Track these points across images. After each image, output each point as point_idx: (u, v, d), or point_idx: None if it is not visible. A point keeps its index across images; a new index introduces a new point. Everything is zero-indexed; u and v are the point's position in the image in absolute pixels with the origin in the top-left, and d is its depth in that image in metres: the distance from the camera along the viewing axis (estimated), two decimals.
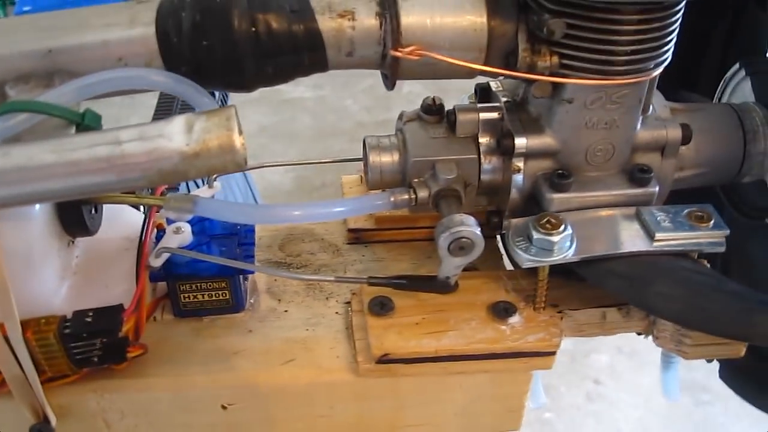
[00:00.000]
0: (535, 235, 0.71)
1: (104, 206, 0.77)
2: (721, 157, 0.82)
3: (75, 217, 0.74)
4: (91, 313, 0.70)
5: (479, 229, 0.71)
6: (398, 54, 0.68)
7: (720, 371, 0.96)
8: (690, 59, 0.99)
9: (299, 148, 3.31)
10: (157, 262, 0.74)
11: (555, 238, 0.71)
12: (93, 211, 0.75)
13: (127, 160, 0.59)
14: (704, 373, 2.04)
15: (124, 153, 0.59)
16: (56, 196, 0.62)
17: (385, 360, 0.73)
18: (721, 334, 0.71)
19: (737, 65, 0.89)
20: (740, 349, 0.77)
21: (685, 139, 0.77)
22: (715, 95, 0.93)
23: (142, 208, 0.85)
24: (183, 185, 1.21)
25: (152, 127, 0.60)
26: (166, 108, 1.52)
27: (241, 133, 0.60)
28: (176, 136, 0.59)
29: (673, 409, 2.23)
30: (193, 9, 0.65)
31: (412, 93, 3.80)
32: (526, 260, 0.71)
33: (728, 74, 0.90)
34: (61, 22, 0.67)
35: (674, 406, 2.24)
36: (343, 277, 0.79)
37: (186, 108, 1.61)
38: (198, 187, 1.48)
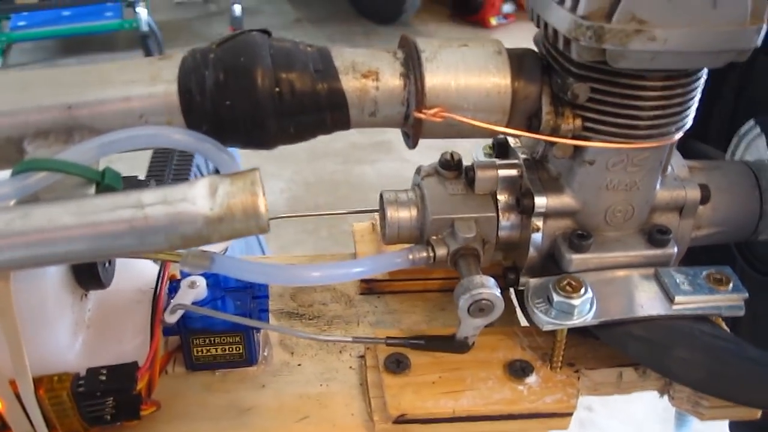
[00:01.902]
0: (556, 298, 0.71)
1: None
2: (738, 217, 0.82)
3: (89, 270, 0.72)
4: (104, 371, 0.69)
5: (499, 290, 0.71)
6: (422, 116, 0.67)
7: (730, 424, 0.96)
8: (701, 110, 0.99)
9: (293, 169, 3.31)
10: (172, 318, 0.73)
11: (575, 302, 0.70)
12: (107, 264, 0.74)
13: (150, 223, 0.58)
14: None
15: (147, 216, 0.58)
16: (76, 258, 0.61)
17: (401, 420, 0.72)
18: (743, 403, 0.70)
19: (752, 122, 0.89)
20: (756, 412, 0.76)
21: (704, 200, 0.77)
22: (729, 150, 0.93)
23: None
24: None
25: (176, 190, 0.59)
26: (163, 155, 1.52)
27: (264, 195, 0.59)
28: (200, 199, 0.58)
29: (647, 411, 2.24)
30: (217, 67, 0.65)
31: None
32: (546, 323, 0.71)
33: (743, 130, 0.90)
34: (82, 77, 0.66)
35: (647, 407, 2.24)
36: (360, 337, 0.78)
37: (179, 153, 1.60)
38: None
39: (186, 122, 0.66)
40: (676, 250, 0.76)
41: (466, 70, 0.68)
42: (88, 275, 0.73)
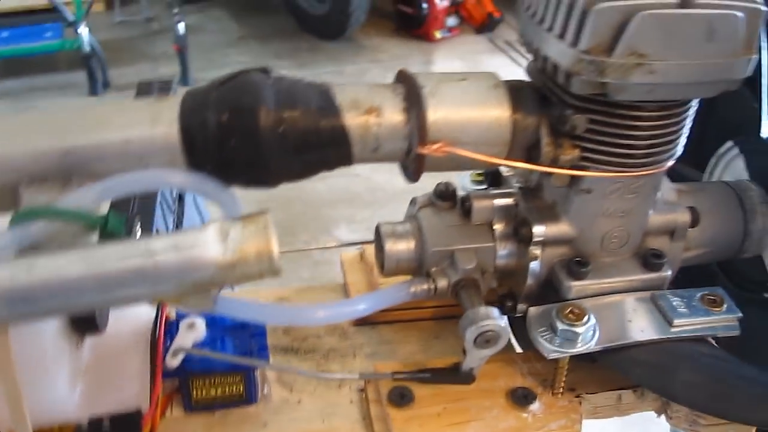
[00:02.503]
0: (560, 326, 0.72)
1: None
2: (724, 237, 0.84)
3: (85, 315, 0.70)
4: (107, 421, 0.67)
5: (504, 320, 0.71)
6: (425, 151, 0.68)
7: None
8: None
9: None
10: (174, 362, 0.71)
11: (579, 329, 0.71)
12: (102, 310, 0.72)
13: (161, 272, 0.57)
14: None
15: (158, 265, 0.57)
16: (83, 309, 0.60)
17: None
18: (743, 422, 0.72)
19: (730, 143, 0.91)
20: (751, 430, 0.78)
21: (694, 222, 0.79)
22: (707, 171, 0.96)
23: None
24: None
25: (186, 237, 0.58)
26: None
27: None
28: (212, 245, 0.57)
29: None
30: (219, 108, 0.64)
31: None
32: (551, 351, 0.72)
33: (721, 150, 0.93)
34: (79, 120, 0.65)
35: None
36: (367, 374, 0.78)
37: None
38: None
39: (187, 163, 0.65)
40: (670, 273, 0.77)
41: (467, 104, 0.68)
42: (84, 320, 0.71)
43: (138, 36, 4.86)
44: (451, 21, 4.87)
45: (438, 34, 4.83)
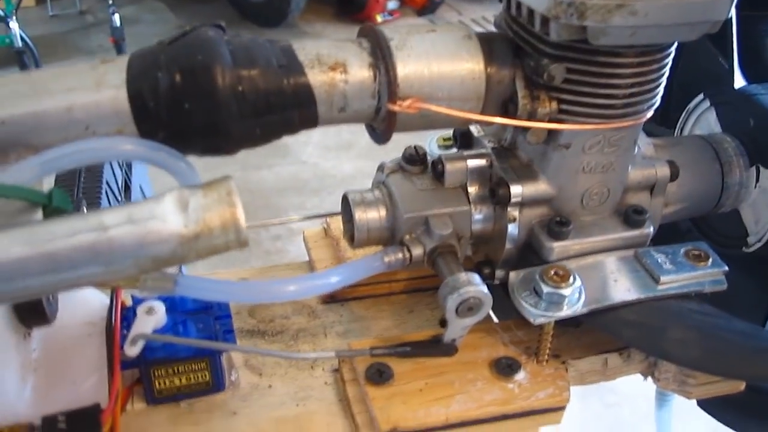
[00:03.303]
0: (545, 289, 0.68)
1: None
2: (702, 191, 0.82)
3: (32, 305, 0.64)
4: (63, 418, 0.61)
5: (486, 287, 0.67)
6: (396, 108, 0.63)
7: (699, 400, 0.96)
8: None
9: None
10: (133, 351, 0.66)
11: (565, 291, 0.68)
12: (51, 297, 0.66)
13: (116, 248, 0.51)
14: None
15: (112, 240, 0.51)
16: (31, 294, 0.54)
17: None
18: (737, 377, 0.70)
19: (701, 96, 0.89)
20: (741, 385, 0.76)
21: (673, 176, 0.76)
22: (678, 126, 0.93)
23: None
24: None
25: (141, 208, 0.52)
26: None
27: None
28: (171, 216, 0.52)
29: (584, 413, 2.28)
30: (171, 68, 0.58)
31: None
32: (537, 316, 0.68)
33: (691, 105, 0.91)
34: (14, 87, 0.58)
35: (585, 410, 2.29)
36: (343, 351, 0.73)
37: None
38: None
39: (139, 131, 0.59)
40: (652, 229, 0.74)
41: (438, 57, 0.64)
42: (31, 310, 0.65)
43: (72, 30, 4.70)
44: (392, 4, 4.83)
45: (379, 18, 4.78)
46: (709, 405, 0.95)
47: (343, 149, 3.52)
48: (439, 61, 0.64)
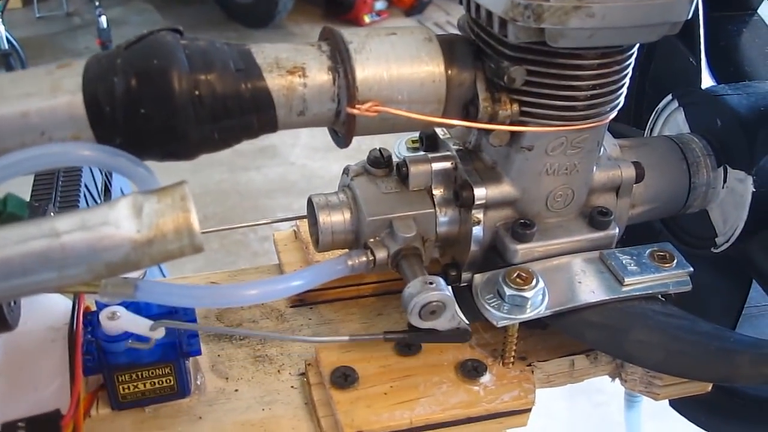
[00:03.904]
0: (508, 292, 0.68)
1: None
2: (669, 192, 0.82)
3: None
4: (23, 424, 0.61)
5: (449, 289, 0.67)
6: (355, 111, 0.63)
7: (671, 400, 0.96)
8: None
9: (176, 181, 3.18)
10: (158, 334, 0.65)
11: (528, 294, 0.68)
12: (12, 303, 0.66)
13: (69, 254, 0.51)
14: None
15: (65, 246, 0.51)
16: None
17: None
18: (701, 379, 0.70)
19: (670, 96, 0.89)
20: (708, 386, 0.76)
21: (639, 177, 0.76)
22: (647, 127, 0.93)
23: None
24: None
25: (94, 214, 0.52)
26: (47, 179, 1.40)
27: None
28: (124, 221, 0.52)
29: (572, 413, 2.28)
30: (126, 73, 0.58)
31: None
32: (500, 318, 0.68)
33: (660, 105, 0.91)
34: None
35: (574, 409, 2.30)
36: (357, 336, 0.72)
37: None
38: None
39: (95, 136, 0.59)
40: (617, 231, 0.74)
41: (398, 60, 0.64)
42: None
43: (59, 32, 4.69)
44: (380, 5, 4.85)
45: (367, 19, 4.79)
46: (680, 406, 0.96)
47: (331, 150, 3.52)
48: (398, 64, 0.64)
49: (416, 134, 0.86)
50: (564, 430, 2.23)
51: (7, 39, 3.70)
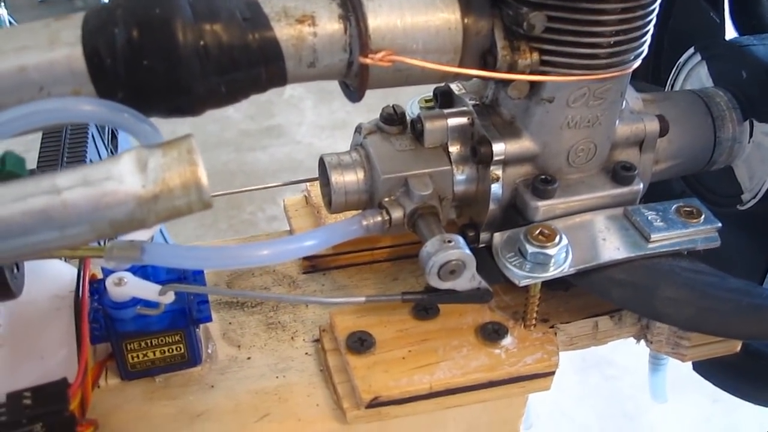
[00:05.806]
0: (530, 249, 0.65)
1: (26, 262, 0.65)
2: (694, 147, 0.79)
3: None
4: (29, 394, 0.59)
5: (468, 247, 0.64)
6: (368, 61, 0.60)
7: (695, 365, 0.94)
8: None
9: None
10: (168, 298, 0.63)
11: (551, 251, 0.65)
12: (15, 269, 0.63)
13: (70, 211, 0.48)
14: (609, 348, 2.11)
15: (66, 203, 0.48)
16: None
17: (375, 404, 0.65)
18: (732, 336, 0.67)
19: (692, 50, 0.86)
20: (736, 346, 0.74)
21: (663, 131, 0.73)
22: (669, 82, 0.90)
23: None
24: None
25: (97, 169, 0.50)
26: (55, 140, 1.37)
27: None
28: (128, 177, 0.49)
29: (583, 387, 2.27)
30: (128, 23, 0.55)
31: (294, 97, 3.72)
32: (523, 277, 0.65)
33: (682, 59, 0.87)
34: None
35: (584, 383, 2.28)
36: (373, 297, 0.70)
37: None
38: None
39: (96, 90, 0.56)
40: (641, 186, 0.71)
41: (412, 8, 0.61)
42: None
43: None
44: None
45: None
46: (705, 370, 0.93)
47: (338, 128, 3.49)
48: (412, 12, 0.61)
49: (429, 93, 0.83)
50: (575, 403, 2.22)
51: (10, 23, 3.67)
